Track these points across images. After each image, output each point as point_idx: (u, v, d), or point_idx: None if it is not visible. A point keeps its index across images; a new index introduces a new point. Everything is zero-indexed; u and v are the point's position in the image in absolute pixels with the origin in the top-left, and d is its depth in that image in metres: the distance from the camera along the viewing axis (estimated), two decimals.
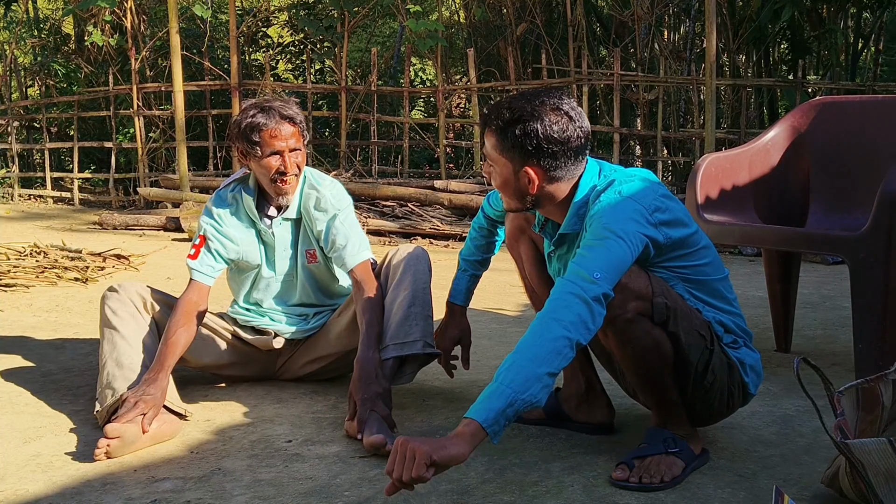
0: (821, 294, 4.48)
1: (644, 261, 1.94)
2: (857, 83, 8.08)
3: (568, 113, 1.95)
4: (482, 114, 2.03)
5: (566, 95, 2.00)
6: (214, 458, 2.13)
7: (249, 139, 2.49)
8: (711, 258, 2.04)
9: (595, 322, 1.77)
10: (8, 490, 1.93)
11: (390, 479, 1.65)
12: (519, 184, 2.00)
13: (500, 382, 1.70)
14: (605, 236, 1.84)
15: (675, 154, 8.69)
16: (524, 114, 1.94)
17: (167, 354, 2.38)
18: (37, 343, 3.29)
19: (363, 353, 2.34)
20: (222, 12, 11.12)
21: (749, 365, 2.07)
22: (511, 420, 1.69)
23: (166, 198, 7.99)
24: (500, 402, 1.68)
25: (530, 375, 1.69)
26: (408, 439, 1.67)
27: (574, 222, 2.01)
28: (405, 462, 1.64)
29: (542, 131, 1.93)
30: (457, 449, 1.66)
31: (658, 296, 1.91)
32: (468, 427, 1.67)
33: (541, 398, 1.70)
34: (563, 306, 1.76)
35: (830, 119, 3.24)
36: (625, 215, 1.88)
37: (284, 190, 2.55)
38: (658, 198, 1.94)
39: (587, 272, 1.79)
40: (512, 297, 4.36)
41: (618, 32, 9.12)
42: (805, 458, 2.13)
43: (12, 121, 9.66)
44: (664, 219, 1.93)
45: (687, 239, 1.98)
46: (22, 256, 4.97)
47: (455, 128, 10.38)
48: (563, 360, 1.73)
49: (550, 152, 1.94)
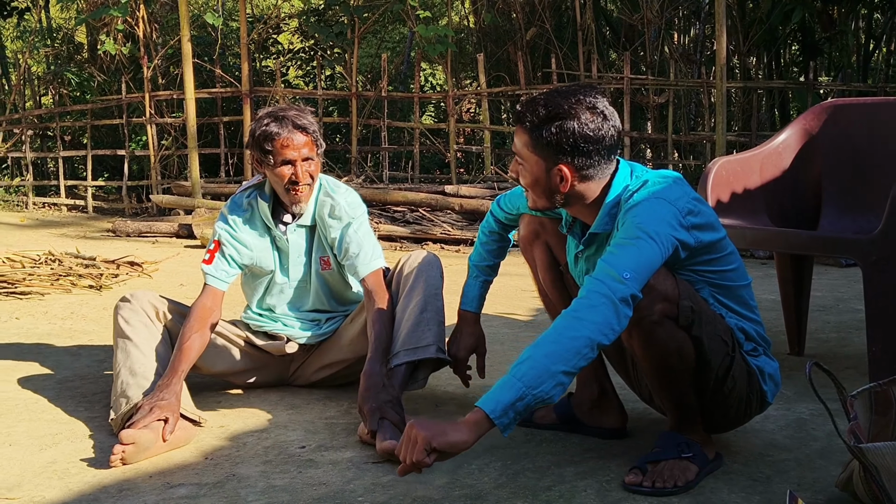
0: (834, 297, 4.46)
1: (672, 264, 1.92)
2: (869, 84, 8.04)
3: (603, 112, 1.94)
4: (514, 111, 2.01)
5: (600, 94, 1.98)
6: (229, 464, 2.14)
7: (262, 148, 2.51)
8: (737, 264, 2.04)
9: (620, 324, 1.76)
10: (25, 497, 1.95)
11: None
12: (550, 182, 1.98)
13: (513, 375, 1.70)
14: (637, 236, 1.83)
15: (686, 157, 8.68)
16: (561, 111, 1.92)
17: (181, 360, 2.39)
18: (52, 350, 3.32)
19: (369, 367, 2.34)
20: (233, 20, 11.17)
21: (768, 373, 2.06)
22: (521, 414, 1.69)
23: (178, 205, 8.03)
24: (510, 395, 1.67)
25: (544, 371, 1.69)
26: (415, 423, 1.69)
27: (605, 222, 1.99)
28: (409, 445, 1.67)
29: (577, 129, 1.91)
30: (458, 436, 1.67)
31: (684, 299, 1.90)
32: (475, 415, 1.68)
33: (553, 395, 1.69)
34: (589, 306, 1.75)
35: (842, 121, 3.23)
36: (658, 216, 1.86)
37: (297, 199, 2.56)
38: (691, 200, 1.93)
39: (617, 271, 1.78)
40: (524, 302, 4.36)
41: (627, 36, 9.11)
42: (819, 461, 2.12)
43: (26, 129, 9.73)
44: (696, 222, 1.92)
45: (716, 243, 1.97)
46: (37, 264, 5.01)
47: (465, 132, 10.38)
48: (581, 360, 1.72)
49: (585, 151, 1.93)
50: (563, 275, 2.29)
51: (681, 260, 1.93)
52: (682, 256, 1.92)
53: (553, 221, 2.26)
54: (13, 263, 4.92)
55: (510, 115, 10.29)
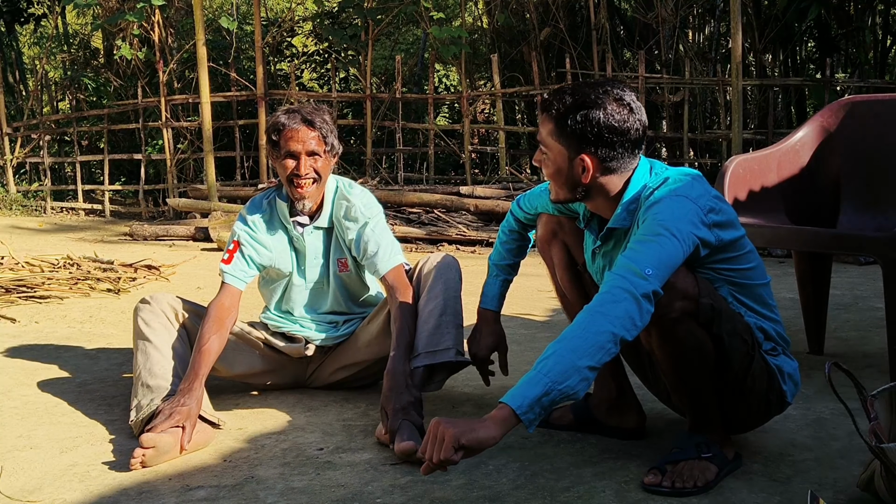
0: (853, 295, 4.42)
1: (692, 261, 1.92)
2: (887, 81, 7.98)
3: (630, 104, 1.94)
4: (542, 99, 2.01)
5: (628, 88, 1.98)
6: (247, 467, 2.15)
7: (270, 138, 2.56)
8: (756, 263, 2.03)
9: (643, 319, 1.75)
10: (46, 499, 1.96)
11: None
12: (573, 172, 1.97)
13: (538, 371, 1.70)
14: (659, 233, 1.82)
15: (702, 156, 8.64)
16: (587, 100, 1.92)
17: (201, 363, 2.40)
18: (72, 354, 3.34)
19: (393, 366, 2.34)
20: (248, 23, 11.24)
21: (787, 373, 2.05)
22: (546, 409, 1.69)
23: (195, 208, 8.07)
24: (537, 390, 1.67)
25: (570, 366, 1.69)
26: (440, 421, 1.69)
27: (623, 217, 1.98)
28: (436, 444, 1.66)
29: (603, 119, 1.91)
30: (486, 432, 1.66)
31: (704, 296, 1.89)
32: (501, 412, 1.68)
33: (578, 390, 1.69)
34: (612, 301, 1.75)
35: (860, 118, 3.20)
36: (680, 214, 1.86)
37: (300, 194, 2.56)
38: (712, 198, 1.92)
39: (639, 267, 1.77)
40: (541, 303, 4.36)
41: (642, 34, 9.08)
42: (840, 461, 2.10)
43: (44, 134, 9.81)
44: (718, 220, 1.91)
45: (736, 242, 1.97)
46: (56, 268, 5.04)
47: (480, 133, 10.39)
48: (605, 355, 1.71)
49: (609, 142, 1.93)
50: (580, 275, 2.29)
51: (701, 258, 1.92)
52: (702, 254, 1.91)
53: (571, 221, 2.25)
54: (32, 268, 4.97)
55: (525, 116, 10.28)
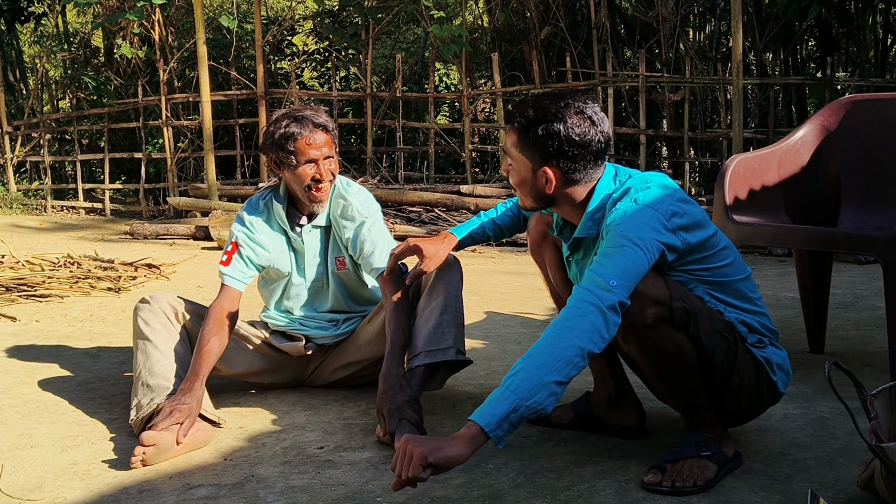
0: (854, 294, 4.42)
1: (661, 266, 1.93)
2: (888, 80, 7.97)
3: (591, 117, 1.96)
4: (506, 110, 2.04)
5: (591, 99, 2.00)
6: (248, 465, 2.15)
7: (284, 148, 2.52)
8: (732, 258, 2.03)
9: (609, 331, 1.77)
10: (47, 498, 1.96)
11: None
12: (536, 183, 2.01)
13: (506, 387, 1.71)
14: (621, 244, 1.85)
15: (703, 155, 8.63)
16: (548, 114, 1.94)
17: (201, 363, 2.40)
18: (72, 352, 3.35)
19: (387, 368, 2.35)
20: (248, 22, 11.23)
21: (776, 363, 2.05)
22: (515, 426, 1.70)
23: (195, 207, 8.07)
24: (504, 407, 1.69)
25: (537, 383, 1.70)
26: (410, 438, 1.71)
27: (589, 227, 2.01)
28: (405, 461, 1.67)
29: (563, 133, 1.93)
30: (455, 451, 1.68)
31: (676, 300, 1.90)
32: (470, 430, 1.70)
33: (546, 406, 1.71)
34: (578, 314, 1.77)
35: (861, 117, 3.20)
36: (641, 223, 1.88)
37: (319, 198, 2.58)
38: (675, 202, 1.94)
39: (603, 280, 1.80)
40: (540, 302, 4.36)
41: (642, 33, 9.08)
42: (840, 460, 2.10)
43: (44, 133, 9.81)
44: (682, 223, 1.92)
45: (706, 241, 1.97)
46: (56, 267, 5.05)
47: (480, 132, 10.39)
48: (573, 370, 1.73)
49: (570, 154, 1.95)
50: None
51: (670, 262, 1.94)
52: (669, 259, 1.93)
53: None
54: (33, 266, 4.97)
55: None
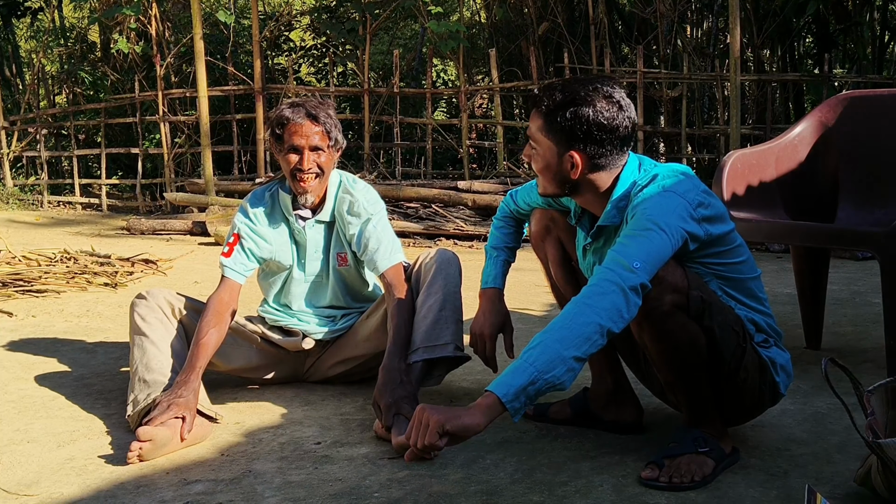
0: (851, 290, 4.43)
1: (682, 256, 1.92)
2: (885, 76, 7.97)
3: (619, 102, 1.95)
4: (532, 94, 2.02)
5: (618, 84, 1.99)
6: (245, 461, 2.15)
7: (274, 132, 2.54)
8: (746, 256, 2.03)
9: (629, 311, 1.76)
10: (43, 493, 1.96)
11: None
12: (561, 168, 1.98)
13: (524, 360, 1.71)
14: (647, 227, 1.83)
15: (700, 151, 8.64)
16: (577, 97, 1.93)
17: (198, 355, 2.40)
18: (69, 348, 3.34)
19: (388, 362, 2.34)
20: (245, 17, 11.21)
21: (780, 364, 2.05)
22: (532, 399, 1.70)
23: (192, 202, 8.06)
24: (522, 379, 1.68)
25: (556, 356, 1.70)
26: (425, 407, 1.70)
27: (613, 215, 1.99)
28: (420, 429, 1.67)
29: (592, 117, 1.92)
30: (471, 419, 1.67)
31: (694, 289, 1.89)
32: (486, 399, 1.69)
33: (564, 381, 1.70)
34: (599, 293, 1.76)
35: (858, 113, 3.20)
36: (668, 209, 1.87)
37: (302, 189, 2.56)
38: (700, 193, 1.93)
39: (627, 261, 1.78)
40: (538, 297, 4.36)
41: (640, 30, 9.08)
42: (837, 456, 2.10)
43: (41, 129, 9.80)
44: (707, 214, 1.92)
45: (725, 236, 1.97)
46: (53, 262, 5.04)
47: (478, 128, 10.38)
48: (591, 346, 1.72)
49: (598, 139, 1.94)
50: (575, 270, 2.29)
51: (690, 252, 1.93)
52: (691, 248, 1.92)
53: (564, 216, 2.25)
54: (29, 262, 4.96)
55: (523, 111, 10.27)
